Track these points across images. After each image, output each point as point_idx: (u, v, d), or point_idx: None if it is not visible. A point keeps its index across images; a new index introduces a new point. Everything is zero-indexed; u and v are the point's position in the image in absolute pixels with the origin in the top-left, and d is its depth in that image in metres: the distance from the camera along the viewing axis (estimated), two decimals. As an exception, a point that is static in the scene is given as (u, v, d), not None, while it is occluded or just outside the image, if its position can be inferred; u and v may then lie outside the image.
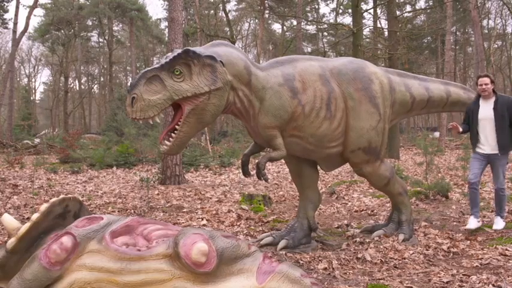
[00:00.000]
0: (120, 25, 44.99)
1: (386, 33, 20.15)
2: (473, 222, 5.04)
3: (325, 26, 32.07)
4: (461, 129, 5.17)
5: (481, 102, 5.08)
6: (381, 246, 4.43)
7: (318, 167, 4.82)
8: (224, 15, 30.49)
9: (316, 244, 4.61)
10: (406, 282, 3.47)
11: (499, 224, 5.10)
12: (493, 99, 5.02)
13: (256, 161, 4.21)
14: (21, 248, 2.77)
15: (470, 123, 5.16)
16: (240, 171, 5.24)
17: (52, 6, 39.51)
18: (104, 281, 2.60)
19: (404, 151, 20.81)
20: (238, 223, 5.72)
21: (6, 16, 37.92)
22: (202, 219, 5.95)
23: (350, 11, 26.42)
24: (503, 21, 39.05)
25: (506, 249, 4.21)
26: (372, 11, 26.64)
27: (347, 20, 39.36)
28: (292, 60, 4.28)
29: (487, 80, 5.02)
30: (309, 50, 40.05)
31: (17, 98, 44.23)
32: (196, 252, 2.52)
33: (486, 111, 5.01)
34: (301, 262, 4.02)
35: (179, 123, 3.65)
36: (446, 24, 26.74)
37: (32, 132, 36.83)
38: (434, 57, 35.86)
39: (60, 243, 2.64)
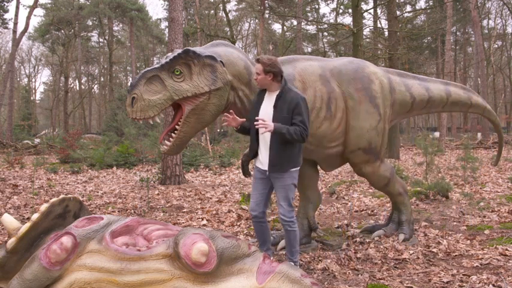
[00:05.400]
0: (120, 25, 45.03)
1: (386, 33, 20.15)
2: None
3: (325, 26, 32.06)
4: (237, 123, 3.64)
5: (267, 93, 3.66)
6: (381, 246, 4.43)
7: (318, 167, 4.82)
8: (224, 15, 30.48)
9: (316, 244, 4.61)
10: (406, 282, 3.47)
11: None
12: (276, 93, 3.58)
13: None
14: (21, 248, 2.77)
15: (251, 121, 3.63)
16: (240, 171, 5.22)
17: (52, 6, 39.58)
18: (104, 281, 2.60)
19: (404, 151, 20.82)
20: (238, 223, 5.72)
21: (6, 16, 38.07)
22: (203, 219, 5.95)
23: (350, 11, 26.45)
24: (503, 21, 39.18)
25: (506, 249, 4.22)
26: (372, 11, 26.70)
27: (347, 20, 39.48)
28: (292, 60, 4.28)
29: (258, 68, 3.51)
30: (309, 50, 40.06)
31: (17, 98, 44.28)
32: (196, 252, 2.52)
33: (267, 107, 3.59)
34: (301, 262, 4.02)
35: (179, 123, 3.65)
36: (446, 24, 26.78)
37: (32, 132, 36.95)
38: (434, 57, 35.91)
39: (60, 243, 2.64)
